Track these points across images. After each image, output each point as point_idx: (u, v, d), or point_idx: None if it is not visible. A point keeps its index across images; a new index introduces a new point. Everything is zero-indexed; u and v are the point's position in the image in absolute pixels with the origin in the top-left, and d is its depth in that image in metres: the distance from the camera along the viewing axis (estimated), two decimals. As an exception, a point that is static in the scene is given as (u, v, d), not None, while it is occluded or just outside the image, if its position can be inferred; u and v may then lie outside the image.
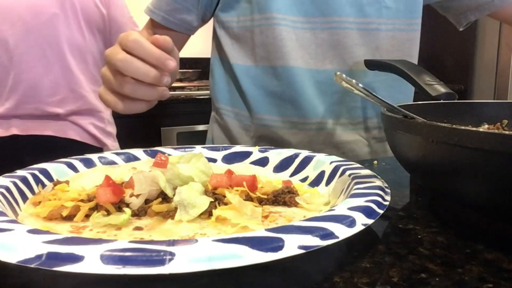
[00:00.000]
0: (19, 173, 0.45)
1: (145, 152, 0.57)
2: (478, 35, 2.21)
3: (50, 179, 0.47)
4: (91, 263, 0.25)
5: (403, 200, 0.49)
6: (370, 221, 0.33)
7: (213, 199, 0.40)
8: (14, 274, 0.31)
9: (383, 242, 0.37)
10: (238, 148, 0.60)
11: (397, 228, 0.39)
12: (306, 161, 0.54)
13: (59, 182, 0.45)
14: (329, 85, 0.76)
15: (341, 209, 0.34)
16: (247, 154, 0.58)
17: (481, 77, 2.22)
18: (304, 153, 0.56)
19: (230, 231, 0.35)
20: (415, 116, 0.44)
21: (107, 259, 0.25)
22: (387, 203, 0.37)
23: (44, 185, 0.46)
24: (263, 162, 0.57)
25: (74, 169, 0.50)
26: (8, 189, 0.40)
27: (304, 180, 0.52)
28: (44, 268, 0.25)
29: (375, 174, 0.45)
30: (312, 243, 0.28)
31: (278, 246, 0.27)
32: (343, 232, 0.30)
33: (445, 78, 0.74)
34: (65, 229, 0.36)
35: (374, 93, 0.42)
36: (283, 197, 0.43)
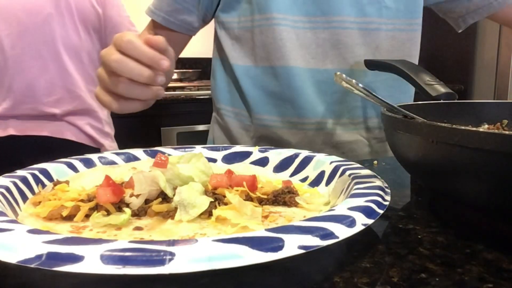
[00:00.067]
0: (19, 173, 0.45)
1: (145, 152, 0.57)
2: (478, 35, 2.21)
3: (50, 179, 0.47)
4: (91, 263, 0.25)
5: (403, 200, 0.49)
6: (370, 221, 0.33)
7: (213, 199, 0.40)
8: (14, 274, 0.31)
9: (383, 242, 0.37)
10: (238, 148, 0.60)
11: (397, 228, 0.39)
12: (306, 161, 0.54)
13: (59, 182, 0.45)
14: (330, 84, 0.76)
15: (341, 209, 0.34)
16: (247, 154, 0.58)
17: (481, 77, 2.22)
18: (304, 153, 0.56)
19: (230, 231, 0.35)
20: (415, 116, 0.44)
21: (107, 259, 0.25)
22: (387, 203, 0.37)
23: (44, 185, 0.46)
24: (263, 162, 0.57)
25: (74, 169, 0.50)
26: (8, 189, 0.40)
27: (304, 180, 0.52)
28: (44, 268, 0.25)
29: (375, 174, 0.45)
30: (312, 243, 0.28)
31: (278, 246, 0.27)
32: (343, 232, 0.30)
33: (445, 78, 0.74)
34: (65, 229, 0.36)
35: (374, 93, 0.42)
36: (283, 197, 0.43)
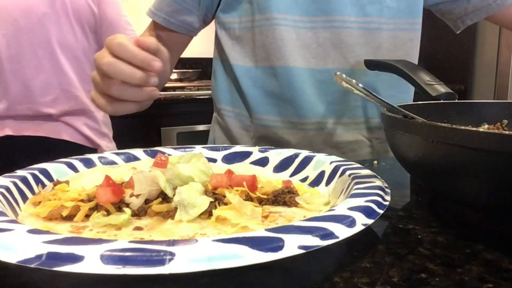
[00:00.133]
0: (19, 173, 0.45)
1: (145, 152, 0.57)
2: (478, 35, 2.21)
3: (50, 179, 0.47)
4: (91, 263, 0.25)
5: (403, 200, 0.49)
6: (370, 221, 0.33)
7: (213, 199, 0.40)
8: (14, 274, 0.31)
9: (383, 242, 0.37)
10: (238, 148, 0.60)
11: (397, 228, 0.39)
12: (306, 161, 0.54)
13: (59, 182, 0.45)
14: (330, 84, 0.76)
15: (341, 209, 0.34)
16: (247, 154, 0.58)
17: (481, 77, 2.22)
18: (304, 153, 0.56)
19: (230, 231, 0.35)
20: (415, 116, 0.44)
21: (107, 259, 0.25)
22: (387, 203, 0.37)
23: (44, 185, 0.46)
24: (263, 162, 0.57)
25: (74, 169, 0.51)
26: (8, 189, 0.40)
27: (304, 180, 0.52)
28: (44, 268, 0.25)
29: (375, 174, 0.45)
30: (312, 243, 0.28)
31: (278, 246, 0.27)
32: (343, 232, 0.30)
33: (445, 78, 0.74)
34: (65, 229, 0.36)
35: (374, 93, 0.42)
36: (283, 197, 0.43)
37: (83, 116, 1.28)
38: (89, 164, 0.52)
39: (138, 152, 0.57)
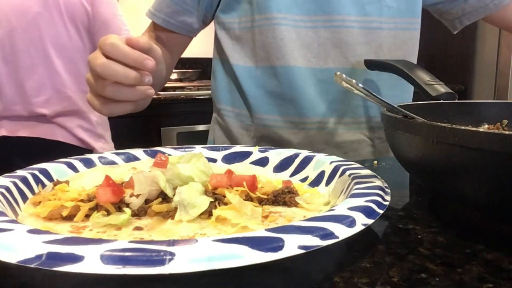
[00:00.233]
0: (19, 173, 0.45)
1: (145, 152, 0.57)
2: (478, 35, 2.21)
3: (50, 179, 0.47)
4: (91, 263, 0.25)
5: (403, 200, 0.49)
6: (370, 221, 0.33)
7: (213, 199, 0.40)
8: (14, 274, 0.31)
9: (383, 242, 0.37)
10: (238, 148, 0.60)
11: (397, 228, 0.39)
12: (306, 161, 0.54)
13: (59, 182, 0.45)
14: (331, 84, 0.76)
15: (341, 209, 0.34)
16: (247, 154, 0.58)
17: (481, 77, 2.22)
18: (304, 153, 0.56)
19: (230, 231, 0.35)
20: (415, 116, 0.44)
21: (107, 259, 0.25)
22: (387, 203, 0.37)
23: (44, 185, 0.46)
24: (263, 162, 0.57)
25: (74, 169, 0.50)
26: (8, 189, 0.40)
27: (304, 180, 0.52)
28: (44, 268, 0.25)
29: (375, 174, 0.45)
30: (312, 243, 0.28)
31: (278, 246, 0.27)
32: (343, 232, 0.30)
33: (445, 78, 0.74)
34: (65, 229, 0.36)
35: (374, 93, 0.42)
36: (283, 197, 0.43)
37: (76, 117, 1.27)
38: (89, 164, 0.52)
39: (138, 152, 0.57)
